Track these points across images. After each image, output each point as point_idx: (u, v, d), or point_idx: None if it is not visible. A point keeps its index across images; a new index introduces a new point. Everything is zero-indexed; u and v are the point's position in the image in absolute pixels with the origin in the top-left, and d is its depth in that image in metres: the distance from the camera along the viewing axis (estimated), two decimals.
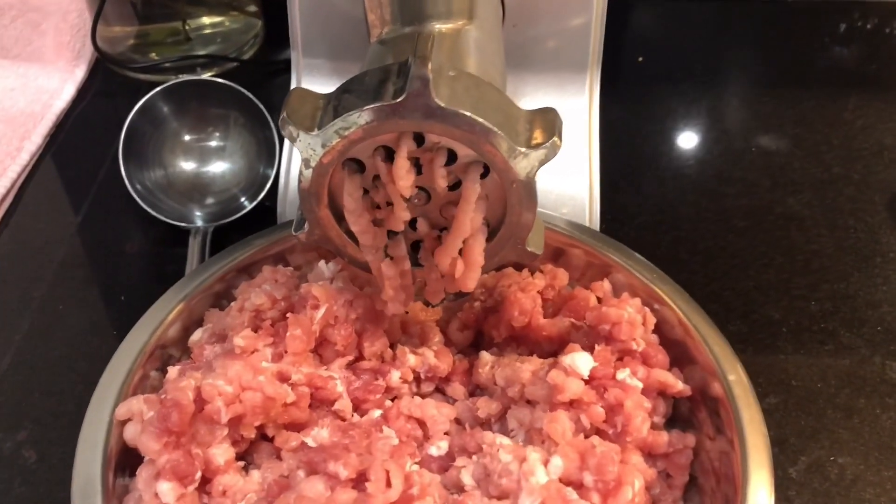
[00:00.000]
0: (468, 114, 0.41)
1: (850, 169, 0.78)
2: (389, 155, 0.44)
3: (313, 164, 0.43)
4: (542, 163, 0.43)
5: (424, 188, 0.47)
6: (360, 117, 0.41)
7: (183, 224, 0.70)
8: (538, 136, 0.43)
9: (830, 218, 0.74)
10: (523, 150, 0.42)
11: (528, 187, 0.44)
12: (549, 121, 0.43)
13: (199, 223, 0.70)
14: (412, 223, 0.48)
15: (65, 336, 0.65)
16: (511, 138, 0.42)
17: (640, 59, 0.91)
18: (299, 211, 0.47)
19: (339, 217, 0.47)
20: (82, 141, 0.81)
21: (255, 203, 0.70)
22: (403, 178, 0.42)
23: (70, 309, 0.67)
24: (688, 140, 0.82)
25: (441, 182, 0.44)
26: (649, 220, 0.74)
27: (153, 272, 0.70)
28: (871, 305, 0.67)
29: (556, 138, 0.42)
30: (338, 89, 0.43)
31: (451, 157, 0.44)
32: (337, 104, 0.42)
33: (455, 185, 0.46)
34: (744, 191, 0.77)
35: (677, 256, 0.70)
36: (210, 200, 0.72)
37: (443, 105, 0.40)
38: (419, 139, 0.43)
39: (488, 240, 0.47)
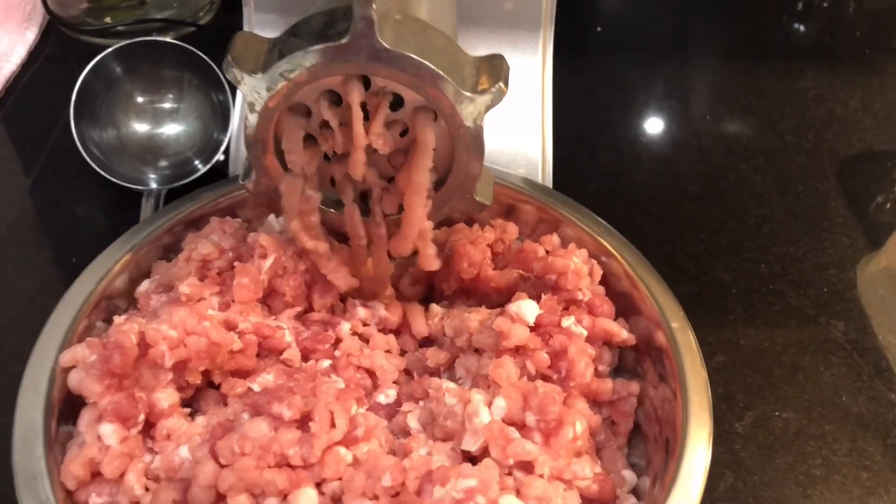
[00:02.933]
0: (413, 56, 0.41)
1: (801, 137, 0.79)
2: (336, 100, 0.44)
3: (258, 108, 0.43)
4: (489, 108, 0.43)
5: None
6: (305, 59, 0.41)
7: (136, 186, 0.69)
8: (484, 81, 0.43)
9: (782, 184, 0.75)
10: (469, 94, 0.42)
11: (476, 134, 0.44)
12: (495, 66, 0.44)
13: (153, 185, 0.69)
14: None
15: (14, 298, 0.64)
16: (457, 82, 0.42)
17: (599, 28, 0.91)
18: (247, 160, 0.47)
19: (286, 166, 0.47)
20: (34, 104, 0.79)
21: (208, 166, 0.70)
22: (360, 123, 0.42)
23: (20, 271, 0.66)
24: (644, 108, 0.83)
25: (381, 127, 0.44)
26: (604, 185, 0.74)
27: (105, 235, 0.68)
28: (818, 268, 0.68)
29: (501, 84, 0.43)
30: (284, 33, 0.43)
31: (399, 103, 0.45)
32: (282, 47, 0.42)
33: (403, 133, 0.46)
34: (698, 157, 0.78)
35: (631, 221, 0.71)
36: (164, 163, 0.71)
37: (387, 47, 0.40)
38: (366, 85, 0.43)
39: (436, 189, 0.48)
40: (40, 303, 0.64)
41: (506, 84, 0.43)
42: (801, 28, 0.92)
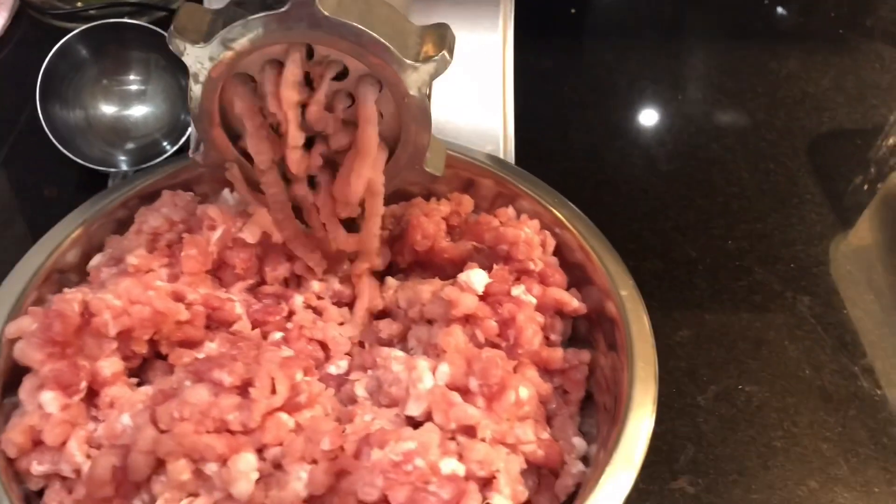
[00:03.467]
0: (355, 24, 0.41)
1: (773, 116, 0.79)
2: (280, 70, 0.44)
3: (202, 79, 0.43)
4: (433, 77, 0.43)
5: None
6: (247, 27, 0.41)
7: (103, 168, 0.69)
8: (429, 49, 0.43)
9: (752, 162, 0.75)
10: (413, 63, 0.42)
11: (421, 104, 0.44)
12: (440, 35, 0.43)
13: (122, 167, 0.69)
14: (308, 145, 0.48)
15: None
16: (400, 51, 0.42)
17: (573, 10, 0.91)
18: (194, 133, 0.47)
19: (234, 138, 0.47)
20: (2, 88, 0.80)
21: (175, 147, 0.70)
22: (290, 87, 0.42)
23: None
24: (616, 89, 0.83)
25: (324, 95, 0.44)
26: (574, 165, 0.74)
27: None
28: (786, 244, 0.68)
29: (445, 52, 0.43)
30: (228, 3, 0.43)
31: (343, 75, 0.44)
32: (225, 17, 0.42)
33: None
34: (669, 137, 0.78)
35: (600, 199, 0.71)
36: (131, 145, 0.71)
37: (328, 15, 0.40)
38: (309, 54, 0.43)
39: (386, 161, 0.47)
40: None
41: (450, 53, 0.43)
42: (778, 10, 0.92)
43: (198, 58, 0.42)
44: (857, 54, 0.85)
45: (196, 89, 0.44)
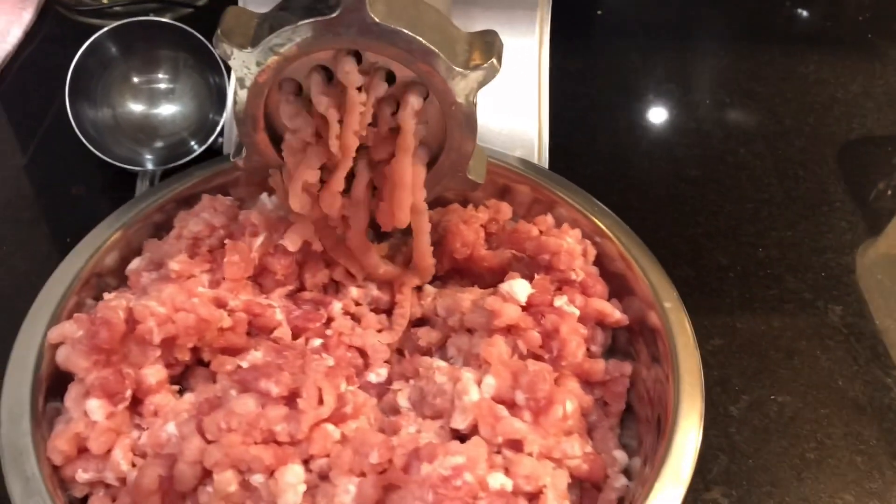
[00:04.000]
0: (405, 31, 0.41)
1: (801, 121, 0.79)
2: (327, 76, 0.44)
3: (248, 83, 0.43)
4: (481, 84, 0.43)
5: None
6: (295, 33, 0.41)
7: (131, 167, 0.68)
8: (477, 57, 0.43)
9: (781, 168, 0.74)
10: (461, 70, 0.42)
11: (468, 111, 0.44)
12: (488, 43, 0.43)
13: (149, 166, 0.69)
14: None
15: (8, 278, 0.64)
16: (449, 58, 0.42)
17: (599, 11, 0.91)
18: (237, 137, 0.47)
19: (277, 142, 0.47)
20: (30, 84, 0.79)
21: (204, 147, 0.69)
22: (354, 91, 0.42)
23: (14, 250, 0.66)
24: (643, 92, 0.82)
25: (377, 99, 0.44)
26: (602, 168, 0.74)
27: (100, 215, 0.69)
28: (816, 252, 0.67)
29: (494, 60, 0.42)
30: (274, 7, 0.43)
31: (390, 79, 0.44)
32: (272, 21, 0.42)
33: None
34: (697, 141, 0.77)
35: (628, 204, 0.70)
36: (159, 144, 0.71)
37: (378, 21, 0.40)
38: (357, 59, 0.43)
39: (428, 168, 0.47)
40: (35, 282, 0.63)
41: (499, 60, 0.42)
42: (804, 13, 0.92)
43: (244, 62, 0.42)
44: (886, 59, 0.85)
45: (241, 94, 0.44)
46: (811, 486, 0.54)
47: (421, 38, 0.41)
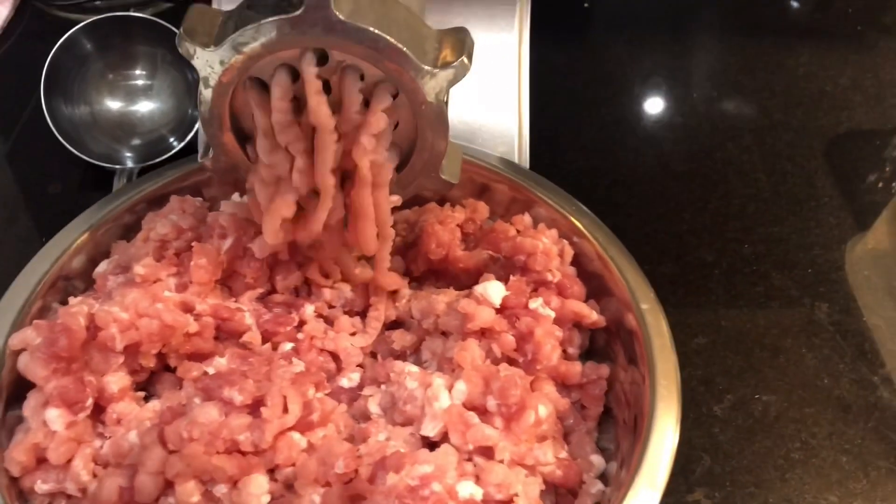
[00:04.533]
0: (371, 29, 0.39)
1: (790, 115, 0.77)
2: (294, 74, 0.42)
3: (213, 83, 0.42)
4: (452, 83, 0.42)
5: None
6: (259, 31, 0.40)
7: (109, 165, 0.67)
8: (447, 55, 0.41)
9: (769, 163, 0.73)
10: (430, 69, 0.41)
11: (439, 110, 0.43)
12: (459, 40, 0.42)
13: (128, 164, 0.68)
14: None
15: None
16: (418, 56, 0.40)
17: (587, 4, 0.89)
18: (205, 137, 0.46)
19: (244, 141, 0.46)
20: (6, 81, 0.78)
21: (183, 143, 0.68)
22: (315, 99, 0.41)
23: None
24: (631, 86, 0.81)
25: (353, 102, 0.42)
26: (587, 164, 0.73)
27: (77, 214, 0.68)
28: (803, 248, 0.67)
29: (465, 58, 0.41)
30: (239, 5, 0.42)
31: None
32: (237, 20, 0.41)
33: None
34: (684, 136, 0.76)
35: (613, 200, 0.70)
36: (137, 141, 0.70)
37: (343, 18, 0.39)
38: (323, 58, 0.42)
39: (400, 168, 0.46)
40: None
41: (469, 58, 0.41)
42: (794, 5, 0.91)
43: (208, 62, 0.41)
44: (875, 52, 0.84)
45: (206, 93, 0.42)
46: (795, 487, 0.53)
47: (387, 36, 0.40)
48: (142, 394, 0.46)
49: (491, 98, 0.60)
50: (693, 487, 0.53)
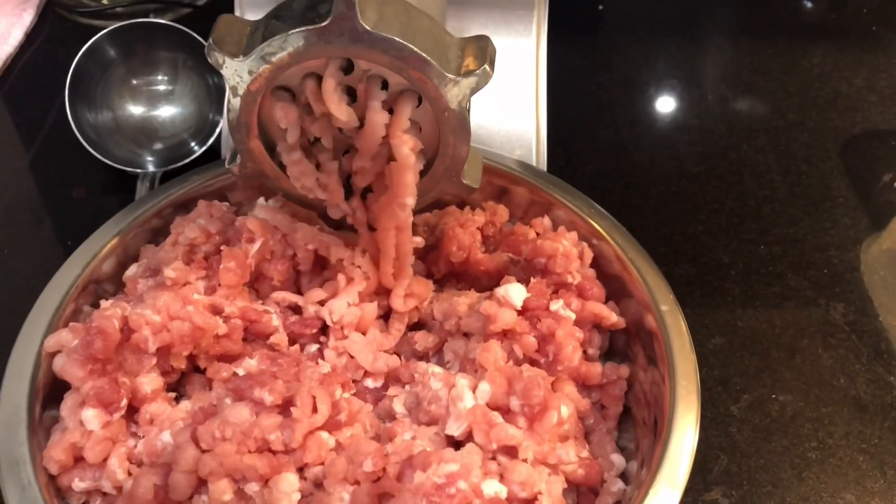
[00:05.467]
0: (396, 38, 0.40)
1: (805, 116, 0.78)
2: (321, 83, 0.43)
3: (241, 92, 0.43)
4: (474, 91, 0.43)
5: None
6: (286, 42, 0.41)
7: (131, 169, 0.68)
8: (469, 63, 0.42)
9: (784, 164, 0.74)
10: (453, 77, 0.42)
11: (461, 117, 0.44)
12: (481, 48, 0.43)
13: (150, 168, 0.69)
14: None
15: (9, 281, 0.64)
16: (441, 65, 0.41)
17: (601, 6, 0.90)
18: (232, 144, 0.47)
19: (271, 149, 0.47)
20: (30, 86, 0.79)
21: (204, 148, 0.69)
22: (333, 99, 0.42)
23: (15, 254, 0.66)
24: (645, 88, 0.81)
25: (374, 111, 0.43)
26: (603, 166, 0.74)
27: (101, 217, 0.69)
28: (819, 249, 0.67)
29: (486, 66, 0.42)
30: (266, 15, 0.43)
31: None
32: (264, 30, 0.42)
33: None
34: (699, 137, 0.76)
35: (629, 202, 0.70)
36: (159, 145, 0.71)
37: (369, 29, 0.40)
38: (349, 67, 0.43)
39: (423, 173, 0.47)
40: (35, 285, 0.63)
41: (491, 66, 0.42)
42: (808, 5, 0.91)
43: (237, 71, 0.42)
44: (890, 52, 0.84)
45: (234, 102, 0.43)
46: (812, 486, 0.54)
47: (412, 46, 0.40)
48: (173, 394, 0.47)
49: (509, 102, 0.61)
50: (711, 486, 0.54)
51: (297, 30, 0.40)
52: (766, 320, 0.62)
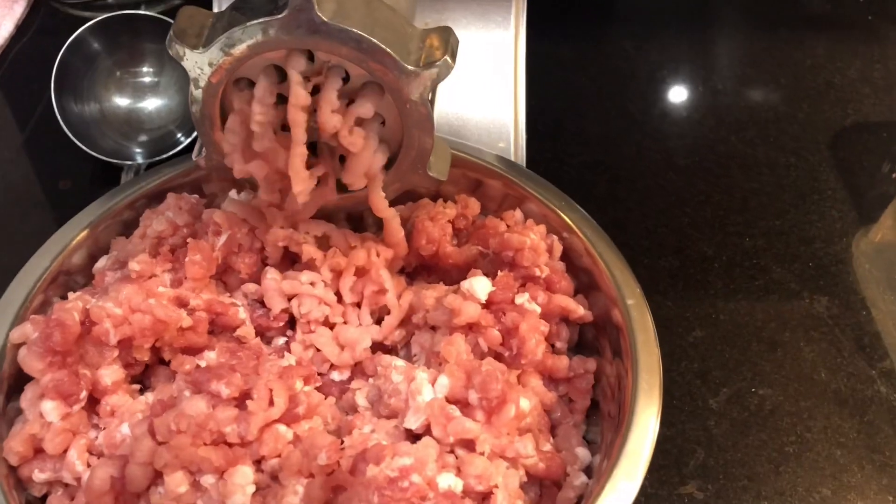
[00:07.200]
0: (354, 30, 0.40)
1: (795, 108, 0.77)
2: (282, 74, 0.43)
3: (202, 84, 0.43)
4: (436, 83, 0.42)
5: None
6: (245, 33, 0.41)
7: (117, 161, 0.69)
8: (431, 54, 0.42)
9: (772, 156, 0.73)
10: (414, 69, 0.41)
11: (424, 109, 0.44)
12: (443, 39, 0.43)
13: (137, 160, 0.69)
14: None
15: None
16: (401, 56, 0.41)
17: None
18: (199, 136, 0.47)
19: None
20: (20, 78, 0.80)
21: (190, 139, 0.69)
22: (301, 99, 0.42)
23: (1, 245, 0.67)
24: (634, 79, 0.81)
25: (330, 102, 0.43)
26: (590, 158, 0.73)
27: None
28: (805, 242, 0.66)
29: (448, 57, 0.42)
30: (228, 7, 0.43)
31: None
32: (225, 22, 0.42)
33: None
34: (688, 130, 0.76)
35: (615, 194, 0.70)
36: (145, 137, 0.71)
37: (326, 20, 0.39)
38: (310, 59, 0.43)
39: (388, 166, 0.47)
40: None
41: (453, 58, 0.42)
42: None
43: (197, 63, 0.42)
44: (886, 43, 0.83)
45: (196, 94, 0.44)
46: (789, 480, 0.53)
47: (370, 37, 0.40)
48: (137, 386, 0.47)
49: (488, 95, 0.61)
50: (686, 480, 0.53)
51: (256, 21, 0.40)
52: (748, 313, 0.62)
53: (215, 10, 0.64)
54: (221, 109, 0.45)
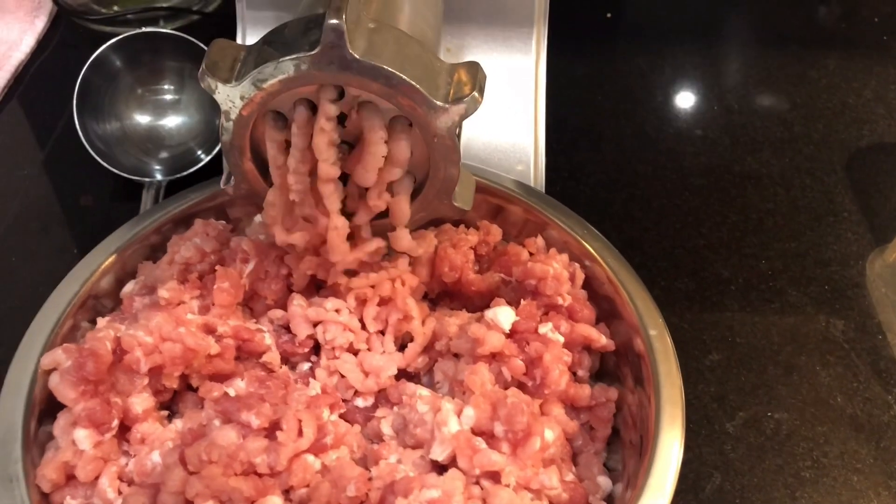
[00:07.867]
0: (385, 67, 0.41)
1: (810, 128, 0.77)
2: (312, 107, 0.44)
3: (233, 116, 0.43)
4: (463, 118, 0.43)
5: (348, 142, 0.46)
6: (277, 69, 0.41)
7: (138, 178, 0.69)
8: (459, 90, 0.43)
9: (787, 177, 0.73)
10: (442, 104, 0.42)
11: (451, 143, 0.44)
12: (471, 75, 0.43)
13: (157, 177, 0.70)
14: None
15: (17, 288, 0.65)
16: (430, 92, 0.42)
17: (609, 14, 0.90)
18: (227, 164, 0.47)
19: (265, 170, 0.47)
20: (41, 93, 0.80)
21: (210, 156, 0.70)
22: (323, 131, 0.42)
23: (23, 261, 0.67)
24: (651, 98, 0.81)
25: (377, 136, 0.44)
26: (605, 177, 0.73)
27: (107, 226, 0.70)
28: (821, 264, 0.67)
29: (476, 93, 0.42)
30: (259, 41, 0.43)
31: None
32: (256, 56, 0.42)
33: None
34: (703, 149, 0.76)
35: (630, 214, 0.70)
36: (165, 154, 0.72)
37: (358, 57, 0.40)
38: (341, 93, 0.43)
39: (414, 196, 0.47)
40: (43, 293, 0.64)
41: (481, 93, 0.42)
42: (818, 15, 0.90)
43: (229, 96, 0.43)
44: None
45: (227, 126, 0.44)
46: None
47: (401, 74, 0.41)
48: (165, 413, 0.48)
49: (509, 120, 0.61)
50: None
51: (288, 57, 0.41)
52: (764, 336, 0.62)
53: (239, 41, 0.65)
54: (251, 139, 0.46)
